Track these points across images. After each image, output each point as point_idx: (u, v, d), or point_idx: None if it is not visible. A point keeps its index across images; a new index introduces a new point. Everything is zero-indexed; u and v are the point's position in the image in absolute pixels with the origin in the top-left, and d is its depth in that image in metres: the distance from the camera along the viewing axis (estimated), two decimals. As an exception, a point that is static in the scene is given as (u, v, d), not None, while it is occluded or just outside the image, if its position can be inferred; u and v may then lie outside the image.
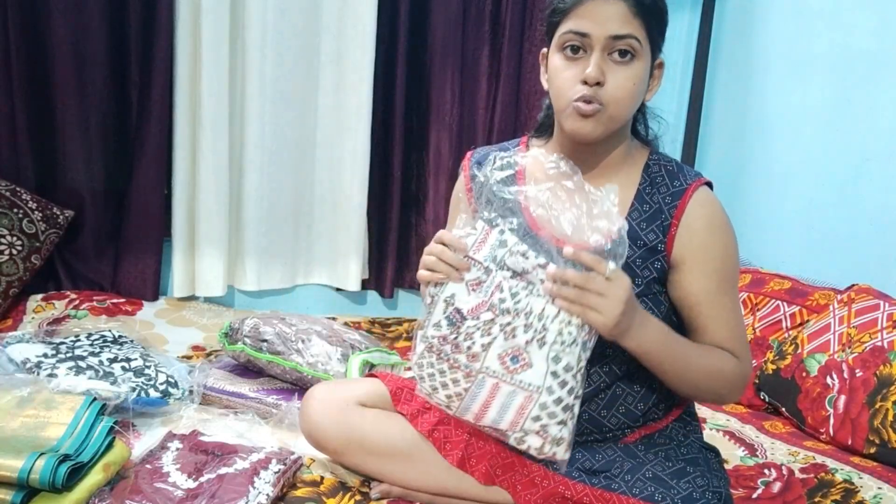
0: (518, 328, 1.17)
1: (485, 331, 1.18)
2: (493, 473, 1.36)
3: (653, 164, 1.32)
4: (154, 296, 2.48)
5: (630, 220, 1.28)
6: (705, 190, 1.30)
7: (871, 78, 2.22)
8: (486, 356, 1.19)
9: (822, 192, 2.36)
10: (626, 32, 1.19)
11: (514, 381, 1.18)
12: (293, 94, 2.55)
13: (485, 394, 1.20)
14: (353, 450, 1.42)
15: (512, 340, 1.17)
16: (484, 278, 1.19)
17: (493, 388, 1.19)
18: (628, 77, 1.21)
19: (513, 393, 1.18)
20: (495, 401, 1.19)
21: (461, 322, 1.19)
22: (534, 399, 1.17)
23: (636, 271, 1.27)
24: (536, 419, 1.18)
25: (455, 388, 1.21)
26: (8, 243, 2.20)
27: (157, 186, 2.44)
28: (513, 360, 1.18)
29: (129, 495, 1.31)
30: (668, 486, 1.22)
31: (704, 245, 1.27)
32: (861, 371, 1.81)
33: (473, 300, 1.19)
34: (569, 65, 1.23)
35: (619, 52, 1.20)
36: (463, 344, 1.19)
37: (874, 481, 1.63)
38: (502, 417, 1.20)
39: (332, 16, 2.55)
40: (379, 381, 1.49)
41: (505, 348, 1.18)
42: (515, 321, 1.17)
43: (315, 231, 2.71)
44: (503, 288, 1.18)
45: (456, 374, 1.21)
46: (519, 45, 2.69)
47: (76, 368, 1.64)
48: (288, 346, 1.79)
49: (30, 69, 2.28)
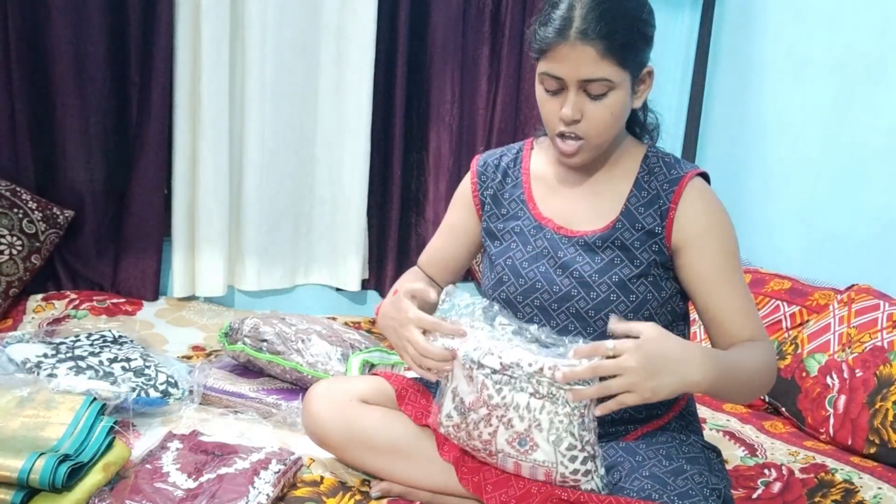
0: (514, 419, 1.21)
1: (486, 422, 1.23)
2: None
3: (651, 155, 1.38)
4: (154, 296, 2.48)
5: (629, 206, 1.34)
6: (700, 179, 1.35)
7: (871, 78, 2.22)
8: (496, 442, 1.24)
9: (822, 192, 2.36)
10: (596, 77, 1.24)
11: (529, 461, 1.23)
12: (293, 94, 2.55)
13: (511, 467, 1.26)
14: (355, 446, 1.43)
15: (512, 429, 1.22)
16: (472, 375, 1.24)
17: (516, 465, 1.25)
18: (605, 109, 1.26)
19: (534, 468, 1.23)
20: (523, 471, 1.25)
21: (467, 413, 1.25)
22: (553, 471, 1.22)
23: (634, 253, 1.32)
24: (563, 481, 1.22)
25: (489, 459, 1.28)
26: (8, 243, 2.20)
27: (157, 186, 2.43)
28: (520, 443, 1.22)
29: (129, 495, 1.31)
30: (664, 484, 1.22)
31: (706, 226, 1.31)
32: (861, 371, 1.81)
33: (471, 394, 1.24)
34: (549, 98, 1.30)
35: (592, 90, 1.25)
36: (474, 433, 1.25)
37: (874, 481, 1.63)
38: (535, 478, 1.25)
39: (332, 16, 2.55)
40: (381, 379, 1.49)
41: (509, 435, 1.22)
42: (509, 413, 1.21)
43: (315, 231, 2.71)
44: (487, 385, 1.22)
45: (480, 453, 1.28)
46: (519, 45, 2.69)
47: (76, 368, 1.64)
48: (288, 346, 1.79)
49: (30, 69, 2.27)
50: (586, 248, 1.33)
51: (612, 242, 1.33)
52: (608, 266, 1.31)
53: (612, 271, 1.31)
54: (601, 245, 1.33)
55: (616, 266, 1.31)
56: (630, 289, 1.31)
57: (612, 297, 1.30)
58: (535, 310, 1.35)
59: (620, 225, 1.33)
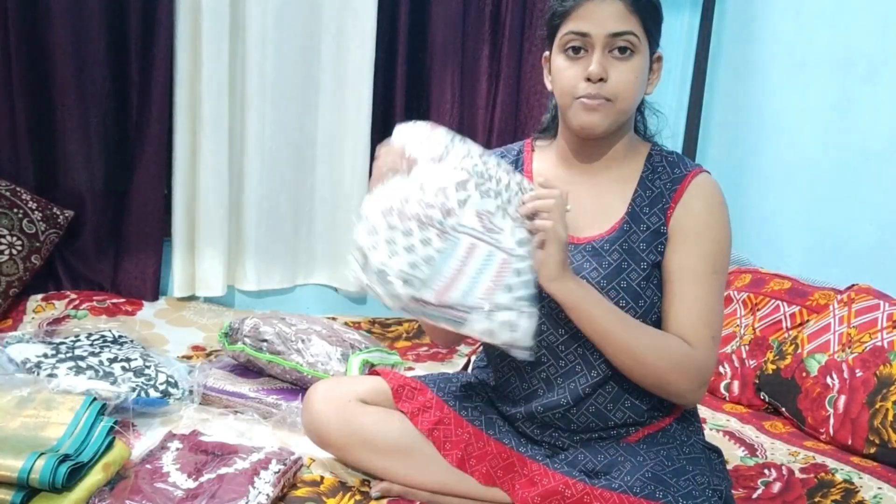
0: (491, 190, 1.15)
1: (460, 186, 1.14)
2: (494, 474, 1.36)
3: (655, 154, 1.37)
4: (154, 296, 2.48)
5: (634, 206, 1.33)
6: (706, 175, 1.34)
7: (871, 78, 2.22)
8: (463, 213, 1.13)
9: (823, 193, 2.36)
10: (624, 29, 1.24)
11: (492, 241, 1.13)
12: (293, 94, 2.55)
13: (459, 256, 1.12)
14: (355, 446, 1.43)
15: (487, 200, 1.14)
16: (449, 149, 1.17)
17: (470, 249, 1.12)
18: (630, 70, 1.26)
19: (490, 255, 1.13)
20: (470, 265, 1.12)
21: (431, 184, 1.15)
22: (510, 263, 1.13)
23: (641, 255, 1.31)
24: (509, 289, 1.13)
25: (424, 252, 1.10)
26: (8, 243, 2.20)
27: (157, 186, 2.44)
28: (488, 220, 1.15)
29: (129, 495, 1.31)
30: (667, 485, 1.22)
31: (698, 224, 1.30)
32: (861, 371, 1.81)
33: (443, 167, 1.16)
34: (572, 64, 1.28)
35: (618, 48, 1.26)
36: (434, 200, 1.13)
37: (874, 481, 1.63)
38: (475, 286, 1.11)
39: (332, 16, 2.55)
40: (381, 379, 1.49)
41: (481, 207, 1.14)
42: (488, 184, 1.15)
43: (315, 231, 2.71)
44: (472, 155, 1.17)
45: (428, 233, 1.12)
46: (519, 45, 2.69)
47: (76, 368, 1.64)
48: (288, 346, 1.79)
49: (30, 69, 2.27)
50: (594, 254, 1.32)
51: (619, 246, 1.31)
52: (616, 272, 1.30)
53: (620, 276, 1.30)
54: (608, 249, 1.32)
55: (624, 271, 1.30)
56: (639, 293, 1.30)
57: (622, 304, 1.29)
58: (542, 317, 1.30)
59: (627, 226, 1.32)
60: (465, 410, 1.43)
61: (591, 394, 1.33)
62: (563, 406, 1.34)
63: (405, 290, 1.10)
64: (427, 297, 1.10)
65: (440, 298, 1.11)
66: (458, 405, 1.44)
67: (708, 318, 1.28)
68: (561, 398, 1.34)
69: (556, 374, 1.34)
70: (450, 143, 1.20)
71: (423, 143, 1.20)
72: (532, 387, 1.37)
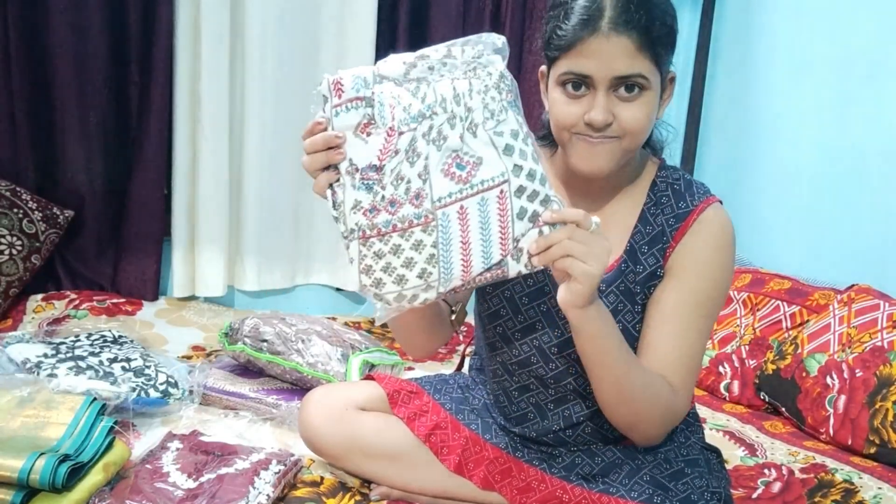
0: (443, 126, 0.99)
1: (411, 155, 1.00)
2: (492, 479, 1.36)
3: (660, 181, 1.24)
4: (154, 296, 2.48)
5: (633, 243, 1.22)
6: (715, 207, 1.22)
7: (871, 78, 2.22)
8: (431, 185, 1.00)
9: (823, 192, 2.36)
10: (632, 72, 1.09)
11: (475, 187, 1.00)
12: (293, 94, 2.55)
13: (457, 230, 1.01)
14: (353, 455, 1.42)
15: (445, 144, 0.99)
16: (370, 111, 1.01)
17: (462, 214, 1.00)
18: (639, 108, 1.11)
19: (483, 202, 1.00)
20: (472, 228, 1.00)
21: (379, 173, 1.00)
22: (507, 191, 1.00)
23: (636, 298, 1.22)
24: (522, 213, 1.00)
25: (424, 254, 1.02)
26: (8, 243, 2.19)
27: (157, 186, 2.44)
28: (458, 167, 1.00)
29: (129, 495, 1.31)
30: (665, 489, 1.22)
31: (696, 262, 1.19)
32: (861, 371, 1.81)
33: (376, 141, 1.00)
34: (570, 101, 1.13)
35: (626, 87, 1.11)
36: (397, 193, 1.00)
37: (874, 481, 1.63)
38: (489, 244, 1.01)
39: (332, 16, 2.55)
40: (377, 385, 1.47)
41: (443, 160, 1.00)
42: (435, 120, 0.99)
43: (315, 231, 2.70)
44: (398, 98, 1.00)
45: (413, 236, 1.01)
46: (519, 45, 2.69)
47: (76, 368, 1.64)
48: (288, 346, 1.79)
49: (30, 69, 2.27)
50: None
51: (616, 287, 1.22)
52: (612, 314, 1.16)
53: (616, 319, 1.18)
54: (605, 290, 1.21)
55: (619, 313, 1.22)
56: (634, 335, 1.22)
57: None
58: (533, 349, 1.27)
59: (625, 266, 1.22)
60: (461, 414, 1.42)
61: (586, 419, 1.30)
62: (555, 430, 1.32)
63: (432, 294, 1.04)
64: (455, 285, 1.04)
65: (466, 277, 1.02)
66: (455, 408, 1.43)
67: (692, 363, 1.20)
68: (553, 424, 1.32)
69: (546, 400, 1.31)
70: (365, 91, 1.04)
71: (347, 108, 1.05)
72: (522, 410, 1.34)
